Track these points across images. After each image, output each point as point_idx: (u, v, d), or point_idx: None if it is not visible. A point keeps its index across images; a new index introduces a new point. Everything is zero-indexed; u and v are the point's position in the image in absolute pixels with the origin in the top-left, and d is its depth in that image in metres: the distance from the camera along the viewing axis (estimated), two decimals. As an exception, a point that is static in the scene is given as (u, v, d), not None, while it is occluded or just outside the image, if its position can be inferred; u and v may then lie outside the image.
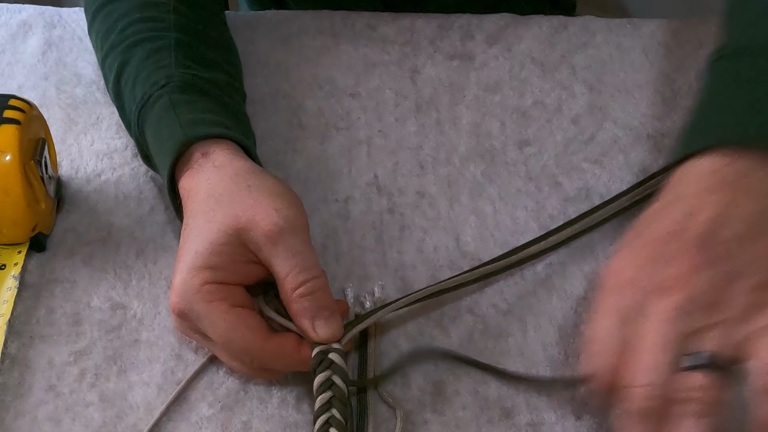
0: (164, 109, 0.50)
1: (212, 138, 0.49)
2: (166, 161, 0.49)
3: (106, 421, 0.46)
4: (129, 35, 0.55)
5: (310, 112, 0.62)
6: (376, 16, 0.69)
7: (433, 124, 0.62)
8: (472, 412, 0.46)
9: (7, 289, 0.50)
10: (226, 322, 0.43)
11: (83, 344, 0.49)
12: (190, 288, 0.43)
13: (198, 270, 0.44)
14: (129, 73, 0.54)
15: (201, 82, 0.53)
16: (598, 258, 0.54)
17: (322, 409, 0.43)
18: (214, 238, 0.44)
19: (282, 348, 0.44)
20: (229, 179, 0.46)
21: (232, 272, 0.44)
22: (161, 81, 0.52)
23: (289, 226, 0.44)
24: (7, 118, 0.49)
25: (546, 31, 0.69)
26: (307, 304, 0.44)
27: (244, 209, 0.44)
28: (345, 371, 0.44)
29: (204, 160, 0.48)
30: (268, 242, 0.43)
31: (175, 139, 0.48)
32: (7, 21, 0.68)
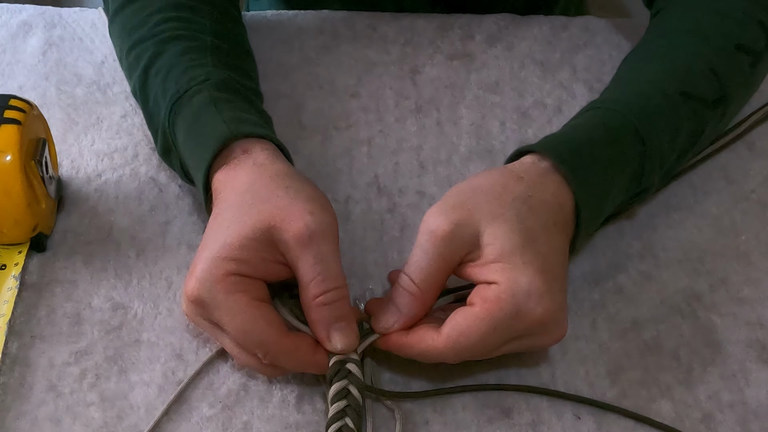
0: (204, 103, 0.51)
1: (254, 137, 0.49)
2: (205, 154, 0.48)
3: (106, 421, 0.46)
4: (164, 30, 0.56)
5: (310, 112, 0.62)
6: (376, 16, 0.69)
7: (433, 124, 0.62)
8: (472, 412, 0.47)
9: (8, 289, 0.50)
10: (245, 314, 0.43)
11: (84, 344, 0.49)
12: (212, 276, 0.43)
13: (224, 260, 0.43)
14: (161, 65, 0.54)
15: (237, 85, 0.54)
16: (598, 258, 0.54)
17: (335, 417, 0.43)
18: (245, 232, 0.44)
19: (297, 347, 0.44)
20: (269, 178, 0.46)
21: (257, 268, 0.44)
22: (200, 77, 0.52)
23: (320, 232, 0.44)
24: (8, 118, 0.49)
25: (546, 31, 0.69)
26: (326, 313, 0.44)
27: (280, 208, 0.44)
28: (361, 381, 0.44)
29: (245, 156, 0.48)
30: (298, 245, 0.43)
31: (218, 133, 0.48)
32: (8, 21, 0.68)
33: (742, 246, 0.55)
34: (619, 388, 0.48)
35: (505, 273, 0.43)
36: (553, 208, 0.46)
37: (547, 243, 0.44)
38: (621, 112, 0.50)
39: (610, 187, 0.48)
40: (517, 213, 0.45)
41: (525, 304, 0.42)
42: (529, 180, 0.47)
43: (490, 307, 0.42)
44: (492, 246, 0.44)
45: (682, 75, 0.53)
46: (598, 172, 0.48)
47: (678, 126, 0.51)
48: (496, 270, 0.43)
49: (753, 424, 0.46)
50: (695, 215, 0.56)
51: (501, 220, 0.44)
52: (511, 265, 0.43)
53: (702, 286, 0.53)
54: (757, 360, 0.49)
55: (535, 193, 0.46)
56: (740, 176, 0.59)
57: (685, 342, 0.50)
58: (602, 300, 0.52)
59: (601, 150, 0.48)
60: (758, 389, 0.48)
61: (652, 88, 0.52)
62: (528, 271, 0.43)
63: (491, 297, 0.43)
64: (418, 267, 0.44)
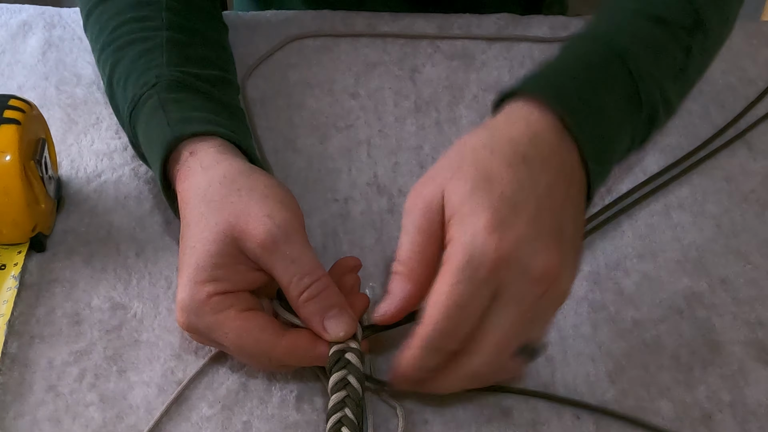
0: (154, 108, 0.50)
1: (199, 136, 0.48)
2: (156, 161, 0.48)
3: (106, 421, 0.46)
4: (120, 35, 0.55)
5: (310, 112, 0.62)
6: (377, 16, 0.69)
7: (432, 124, 0.62)
8: (472, 411, 0.46)
9: (7, 289, 0.50)
10: (236, 329, 0.43)
11: (83, 344, 0.49)
12: (196, 303, 0.43)
13: (202, 284, 0.43)
14: (120, 74, 0.54)
15: (191, 79, 0.52)
16: (598, 258, 0.54)
17: (335, 407, 0.43)
18: (212, 249, 0.43)
19: (296, 345, 0.44)
20: (218, 183, 0.45)
21: (236, 281, 0.44)
22: (151, 81, 0.51)
23: (283, 233, 0.43)
24: (7, 118, 0.49)
25: (546, 32, 0.69)
26: (313, 307, 0.43)
27: (237, 216, 0.43)
28: (360, 371, 0.44)
29: (192, 159, 0.47)
30: (264, 252, 0.43)
31: (162, 138, 0.48)
32: (7, 21, 0.68)
33: (742, 246, 0.55)
34: (619, 388, 0.48)
35: (455, 227, 0.40)
36: (520, 142, 0.42)
37: (508, 180, 0.41)
38: (592, 38, 0.48)
39: (603, 108, 0.45)
40: (475, 160, 0.42)
41: (473, 246, 0.39)
42: (492, 124, 0.44)
43: (451, 265, 0.39)
44: (447, 206, 0.41)
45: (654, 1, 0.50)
46: (582, 93, 0.45)
47: (659, 48, 0.49)
48: (450, 227, 0.41)
49: (752, 424, 0.46)
50: (695, 215, 0.56)
51: (458, 175, 0.41)
52: (459, 215, 0.40)
53: (702, 286, 0.53)
54: (757, 360, 0.49)
55: (497, 133, 0.43)
56: (740, 176, 0.59)
57: (685, 342, 0.50)
58: (602, 300, 0.52)
59: (579, 73, 0.45)
60: (757, 389, 0.48)
61: (623, 15, 0.49)
62: (474, 214, 0.40)
63: (448, 256, 0.40)
64: (400, 246, 0.43)
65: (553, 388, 0.47)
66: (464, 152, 0.43)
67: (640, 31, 0.48)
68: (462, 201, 0.40)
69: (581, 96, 0.44)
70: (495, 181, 0.41)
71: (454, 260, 0.39)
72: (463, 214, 0.40)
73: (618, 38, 0.47)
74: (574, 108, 0.43)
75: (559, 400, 0.47)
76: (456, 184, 0.41)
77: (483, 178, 0.41)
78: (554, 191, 0.42)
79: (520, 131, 0.42)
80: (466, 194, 0.40)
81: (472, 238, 0.39)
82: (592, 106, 0.44)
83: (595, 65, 0.46)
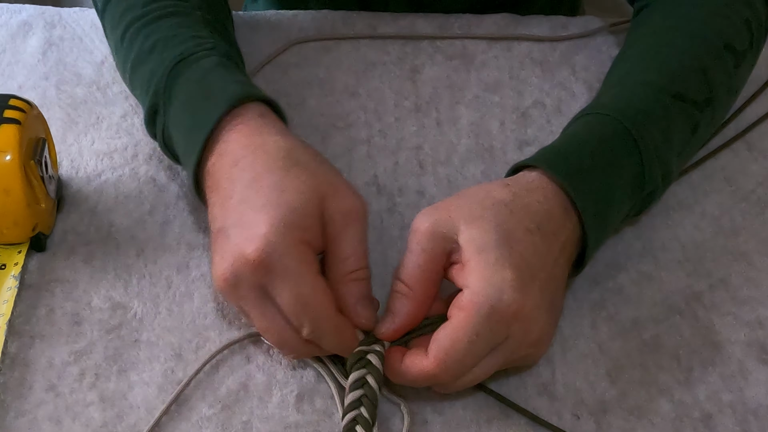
0: (213, 65, 0.50)
1: (266, 103, 0.49)
2: (214, 111, 0.47)
3: (106, 421, 0.46)
4: (154, 9, 0.55)
5: (309, 111, 0.62)
6: (377, 16, 0.69)
7: (433, 124, 0.62)
8: (472, 411, 0.46)
9: (8, 288, 0.50)
10: (311, 285, 0.42)
11: (83, 344, 0.49)
12: (284, 242, 0.42)
13: (294, 227, 0.42)
14: (158, 39, 0.53)
15: (239, 60, 0.54)
16: (598, 258, 0.54)
17: (351, 406, 0.43)
18: (306, 198, 0.43)
19: (345, 326, 0.44)
20: (303, 147, 0.46)
21: (316, 237, 0.44)
22: (206, 44, 0.52)
23: (363, 212, 0.45)
24: (8, 118, 0.49)
25: (546, 32, 0.69)
26: (355, 289, 0.44)
27: (328, 181, 0.45)
28: (380, 372, 0.44)
29: (263, 120, 0.47)
30: (344, 220, 0.44)
31: (231, 92, 0.48)
32: (8, 21, 0.68)
33: (742, 246, 0.55)
34: (619, 388, 0.48)
35: (477, 272, 0.42)
36: (537, 211, 0.45)
37: (526, 244, 0.44)
38: (611, 116, 0.50)
39: (609, 190, 0.48)
40: (496, 215, 0.44)
41: (498, 300, 0.41)
42: (514, 187, 0.46)
43: (467, 315, 0.42)
44: (467, 246, 0.43)
45: (674, 75, 0.52)
46: (593, 174, 0.47)
47: (671, 127, 0.51)
48: (470, 271, 0.43)
49: (752, 424, 0.46)
50: (695, 215, 0.56)
51: (479, 221, 0.44)
52: (483, 263, 0.42)
53: (702, 286, 0.53)
54: (757, 360, 0.49)
55: (518, 198, 0.45)
56: (740, 176, 0.59)
57: (685, 342, 0.50)
58: (602, 300, 0.52)
59: (593, 154, 0.48)
60: (758, 389, 0.48)
61: (643, 90, 0.51)
62: (500, 267, 0.42)
63: (465, 303, 0.42)
64: (404, 265, 0.45)
65: (553, 387, 0.47)
66: (485, 203, 0.45)
67: (658, 109, 0.51)
68: (484, 249, 0.43)
69: (591, 180, 0.47)
70: (515, 242, 0.43)
71: (476, 308, 0.42)
72: (488, 263, 0.42)
73: (635, 117, 0.50)
74: (584, 192, 0.46)
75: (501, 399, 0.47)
76: (477, 231, 0.43)
77: (505, 236, 0.43)
78: (558, 264, 0.45)
79: (538, 202, 0.45)
80: (489, 245, 0.43)
81: (498, 292, 0.42)
82: (600, 190, 0.47)
83: (609, 146, 0.49)
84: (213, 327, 0.50)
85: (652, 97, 0.51)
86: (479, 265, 0.42)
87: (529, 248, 0.44)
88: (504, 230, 0.44)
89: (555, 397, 0.47)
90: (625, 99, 0.51)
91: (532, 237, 0.44)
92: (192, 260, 0.53)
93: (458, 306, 0.43)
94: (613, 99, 0.52)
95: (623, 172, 0.49)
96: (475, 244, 0.43)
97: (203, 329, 0.50)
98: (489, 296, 0.42)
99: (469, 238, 0.43)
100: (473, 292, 0.42)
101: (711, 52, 0.54)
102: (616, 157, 0.48)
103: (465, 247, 0.43)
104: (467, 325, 0.42)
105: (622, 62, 0.56)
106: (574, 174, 0.47)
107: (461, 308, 0.42)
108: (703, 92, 0.52)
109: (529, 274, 0.43)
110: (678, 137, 0.51)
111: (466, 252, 0.43)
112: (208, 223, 0.47)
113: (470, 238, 0.43)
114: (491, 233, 0.43)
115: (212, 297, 0.51)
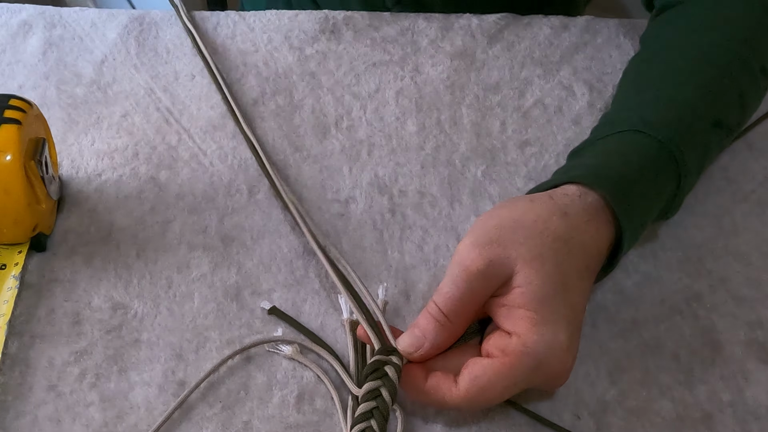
0: None
1: None
2: None
3: (106, 421, 0.46)
4: None
5: (310, 111, 0.62)
6: (377, 16, 0.69)
7: (433, 124, 0.62)
8: (472, 412, 0.46)
9: (8, 288, 0.50)
10: None
11: (84, 344, 0.49)
12: None
13: None
14: None
15: None
16: (598, 258, 0.54)
17: (362, 416, 0.43)
18: None
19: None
20: None
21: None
22: None
23: None
24: (8, 118, 0.49)
25: (546, 31, 0.69)
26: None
27: None
28: (395, 387, 0.43)
29: None
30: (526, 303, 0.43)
31: None
32: (8, 21, 0.68)
33: (742, 246, 0.55)
34: (619, 388, 0.48)
35: (530, 325, 0.42)
36: (591, 252, 0.44)
37: (577, 291, 0.43)
38: (661, 141, 0.48)
39: (647, 219, 0.48)
40: (555, 255, 0.43)
41: (546, 360, 0.41)
42: (573, 216, 0.45)
43: (512, 362, 0.41)
44: (522, 290, 0.42)
45: (715, 99, 0.51)
46: (642, 206, 0.47)
47: (706, 154, 0.51)
48: (521, 318, 0.42)
49: (753, 424, 0.46)
50: (695, 215, 0.56)
51: (538, 263, 0.43)
52: (538, 317, 0.42)
53: (702, 286, 0.53)
54: (757, 360, 0.49)
55: (576, 234, 0.44)
56: (740, 176, 0.59)
57: (685, 342, 0.50)
58: (602, 300, 0.52)
59: (645, 184, 0.47)
60: (758, 389, 0.48)
61: (689, 115, 0.50)
62: (554, 327, 0.42)
63: (513, 350, 0.41)
64: (448, 297, 0.43)
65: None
66: (545, 239, 0.43)
67: (698, 135, 0.50)
68: (542, 302, 0.42)
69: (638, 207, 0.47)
70: (570, 292, 0.43)
71: (524, 359, 0.41)
72: (544, 318, 0.42)
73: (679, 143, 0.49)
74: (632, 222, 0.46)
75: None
76: (536, 277, 0.42)
77: (562, 285, 0.43)
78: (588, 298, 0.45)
79: (591, 239, 0.45)
80: (547, 298, 0.42)
81: (550, 351, 0.41)
82: (644, 217, 0.48)
83: (659, 174, 0.48)
84: (213, 327, 0.50)
85: (697, 124, 0.50)
86: (535, 318, 0.42)
87: (579, 296, 0.43)
88: (561, 276, 0.43)
89: (555, 397, 0.47)
90: (671, 120, 0.50)
91: (582, 282, 0.44)
92: (192, 260, 0.53)
93: (502, 349, 0.42)
94: (657, 116, 0.50)
95: (662, 197, 0.49)
96: (532, 291, 0.42)
97: (203, 329, 0.50)
98: (539, 353, 0.41)
99: (526, 283, 0.42)
100: (524, 344, 0.41)
101: (749, 74, 0.53)
102: (661, 188, 0.49)
103: (518, 290, 0.42)
104: (510, 372, 0.41)
105: (655, 68, 0.54)
106: (627, 205, 0.46)
107: (507, 354, 0.41)
108: (737, 117, 0.52)
109: (576, 326, 0.43)
110: (708, 162, 0.52)
111: (519, 297, 0.42)
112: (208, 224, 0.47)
113: (527, 282, 0.42)
114: (549, 281, 0.42)
115: (212, 297, 0.51)
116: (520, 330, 0.42)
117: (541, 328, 0.41)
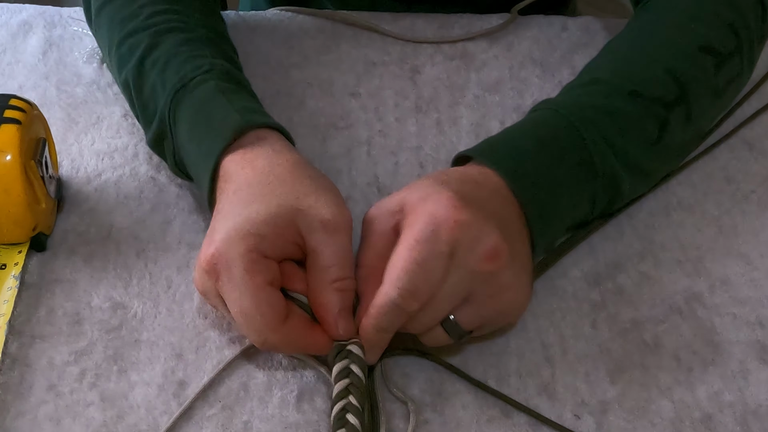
0: (212, 93, 0.51)
1: (265, 127, 0.50)
2: (217, 142, 0.49)
3: (106, 421, 0.46)
4: (158, 22, 0.56)
5: (310, 112, 0.62)
6: (377, 16, 0.69)
7: (433, 124, 0.62)
8: (472, 412, 0.47)
9: (8, 288, 0.50)
10: (253, 297, 0.43)
11: (83, 344, 0.49)
12: (234, 248, 0.43)
13: (247, 234, 0.43)
14: (158, 56, 0.54)
15: (239, 76, 0.55)
16: (598, 258, 0.54)
17: (339, 395, 0.43)
18: (271, 210, 0.44)
19: (292, 333, 0.44)
20: (291, 165, 0.47)
21: (275, 245, 0.44)
22: (203, 66, 0.53)
23: (344, 223, 0.45)
24: (8, 118, 0.49)
25: (546, 31, 0.69)
26: (337, 298, 0.44)
27: (307, 194, 0.45)
28: (363, 360, 0.44)
29: (260, 143, 0.49)
30: (324, 230, 0.44)
31: (232, 122, 0.49)
32: (8, 21, 0.68)
33: (742, 246, 0.55)
34: (619, 388, 0.48)
35: (416, 202, 0.44)
36: (476, 179, 0.47)
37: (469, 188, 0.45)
38: (555, 110, 0.51)
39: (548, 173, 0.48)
40: (430, 176, 0.46)
41: (438, 214, 0.42)
42: (450, 169, 0.48)
43: (410, 232, 0.43)
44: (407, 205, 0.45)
45: (630, 75, 0.53)
46: (526, 157, 0.48)
47: (627, 122, 0.51)
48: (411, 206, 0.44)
49: (753, 424, 0.46)
50: (695, 215, 0.57)
51: (415, 186, 0.46)
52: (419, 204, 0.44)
53: (702, 286, 0.53)
54: (757, 360, 0.49)
55: (452, 174, 0.47)
56: (740, 176, 0.59)
57: (685, 342, 0.50)
58: (602, 300, 0.52)
59: (527, 139, 0.49)
60: (758, 389, 0.48)
61: (596, 89, 0.52)
62: (437, 189, 0.44)
63: (407, 224, 0.43)
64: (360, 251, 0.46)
65: (553, 387, 0.47)
66: (419, 180, 0.47)
67: (608, 105, 0.51)
68: (421, 197, 0.44)
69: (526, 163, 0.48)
70: (451, 184, 0.45)
71: (415, 226, 0.43)
72: (425, 193, 0.44)
73: (580, 112, 0.51)
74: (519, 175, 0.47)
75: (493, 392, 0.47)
76: (414, 190, 0.45)
77: (439, 182, 0.45)
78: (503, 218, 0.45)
79: (475, 181, 0.47)
80: (424, 189, 0.44)
81: (434, 208, 0.43)
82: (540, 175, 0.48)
83: (549, 135, 0.50)
84: (213, 327, 0.50)
85: (602, 94, 0.52)
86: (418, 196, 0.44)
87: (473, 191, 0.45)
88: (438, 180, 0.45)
89: (555, 397, 0.47)
90: (574, 95, 0.53)
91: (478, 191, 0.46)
92: (192, 260, 0.53)
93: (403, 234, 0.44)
94: (562, 96, 0.54)
95: (566, 157, 0.49)
96: (414, 197, 0.44)
97: (203, 329, 0.50)
98: (425, 213, 0.43)
99: (408, 200, 0.45)
100: (415, 212, 0.43)
101: (681, 54, 0.54)
102: (556, 145, 0.49)
103: (406, 207, 0.45)
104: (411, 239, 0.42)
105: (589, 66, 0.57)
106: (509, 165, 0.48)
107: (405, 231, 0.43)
108: (672, 91, 0.53)
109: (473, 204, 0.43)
110: (637, 130, 0.51)
111: (408, 208, 0.44)
112: (208, 224, 0.47)
113: (409, 199, 0.45)
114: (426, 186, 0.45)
115: (212, 297, 0.51)
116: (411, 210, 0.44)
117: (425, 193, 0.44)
